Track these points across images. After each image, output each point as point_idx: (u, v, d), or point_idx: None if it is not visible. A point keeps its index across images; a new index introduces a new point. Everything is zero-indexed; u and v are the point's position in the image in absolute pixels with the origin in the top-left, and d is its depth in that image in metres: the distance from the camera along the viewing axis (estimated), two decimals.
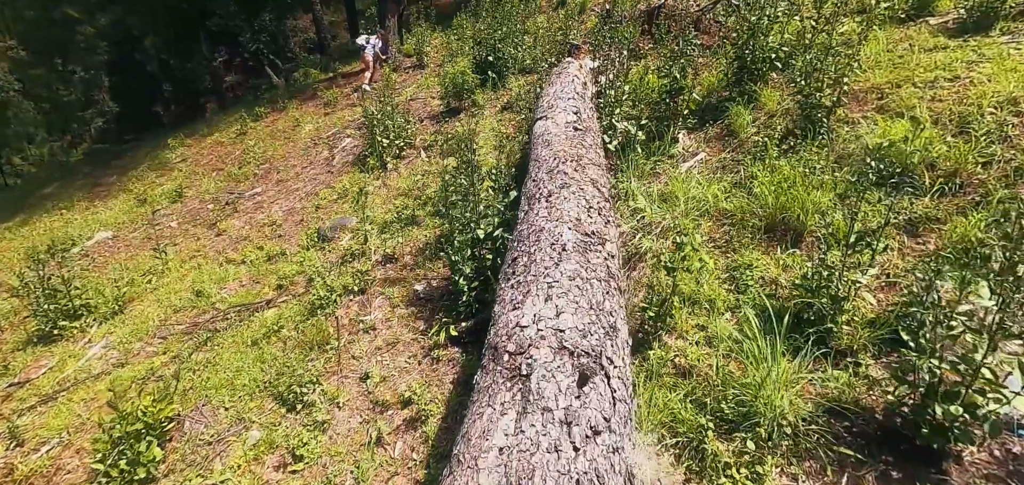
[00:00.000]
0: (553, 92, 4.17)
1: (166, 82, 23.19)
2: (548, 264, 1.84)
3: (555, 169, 2.68)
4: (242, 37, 19.64)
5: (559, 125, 3.40)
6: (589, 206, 2.29)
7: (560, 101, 3.88)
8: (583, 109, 3.82)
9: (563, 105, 3.80)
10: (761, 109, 4.94)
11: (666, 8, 6.59)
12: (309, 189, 6.66)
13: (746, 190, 3.94)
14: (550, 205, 2.29)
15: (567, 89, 4.18)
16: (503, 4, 8.40)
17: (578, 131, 3.29)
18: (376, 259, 4.36)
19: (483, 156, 6.05)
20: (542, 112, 3.87)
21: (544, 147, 3.08)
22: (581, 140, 3.15)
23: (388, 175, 6.10)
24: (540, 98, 4.33)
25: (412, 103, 8.61)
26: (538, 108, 4.11)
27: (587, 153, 2.99)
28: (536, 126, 3.70)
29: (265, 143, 8.94)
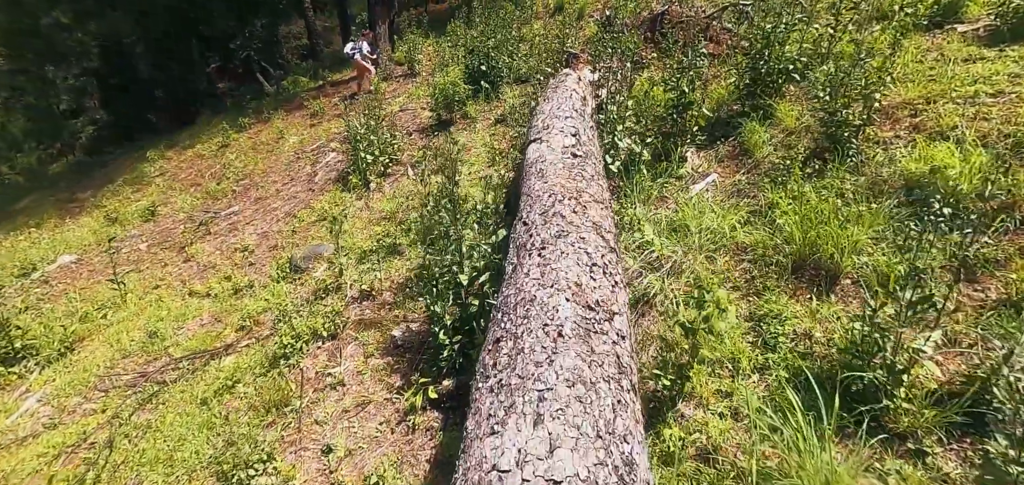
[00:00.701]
0: (549, 109, 3.73)
1: (159, 89, 22.74)
2: (539, 357, 1.38)
3: (550, 210, 2.23)
4: (233, 44, 19.20)
5: (555, 150, 2.95)
6: (591, 262, 1.84)
7: (556, 120, 3.44)
8: (582, 130, 3.37)
9: (560, 125, 3.35)
10: (777, 125, 4.51)
11: (670, 14, 6.17)
12: (288, 209, 6.20)
13: (767, 220, 3.49)
14: (544, 261, 1.84)
15: (564, 106, 3.74)
16: (498, 11, 7.97)
17: (577, 158, 2.84)
18: (352, 295, 3.89)
19: (475, 172, 5.60)
20: (536, 133, 3.42)
21: (538, 178, 2.63)
22: (580, 170, 2.70)
23: (371, 195, 5.64)
24: (534, 116, 3.89)
25: (401, 114, 8.16)
26: (532, 128, 3.66)
27: (588, 186, 2.54)
28: (529, 150, 3.25)
29: (246, 157, 8.48)
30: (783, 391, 2.35)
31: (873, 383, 2.12)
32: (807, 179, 3.63)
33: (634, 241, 3.63)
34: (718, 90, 5.04)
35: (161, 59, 21.46)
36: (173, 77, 21.43)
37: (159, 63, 21.56)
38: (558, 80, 4.44)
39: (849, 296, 2.83)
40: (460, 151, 3.15)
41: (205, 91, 21.32)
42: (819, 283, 2.93)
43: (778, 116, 4.53)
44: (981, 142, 3.22)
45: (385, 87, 9.46)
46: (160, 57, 21.44)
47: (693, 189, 4.23)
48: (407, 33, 10.59)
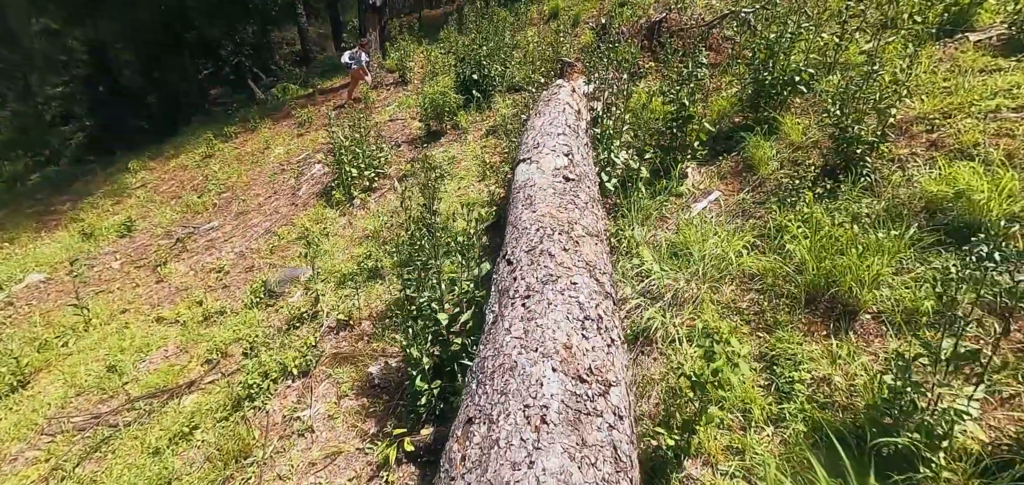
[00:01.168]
0: (540, 125, 3.46)
1: (151, 95, 22.40)
2: (517, 454, 1.10)
3: (537, 247, 1.96)
4: (223, 50, 18.92)
5: (545, 173, 2.68)
6: (584, 315, 1.56)
7: (548, 138, 3.17)
8: (576, 148, 3.10)
9: (552, 143, 3.09)
10: (783, 139, 4.26)
11: (669, 22, 5.94)
12: (269, 224, 5.90)
13: (775, 244, 3.23)
14: (528, 314, 1.57)
15: (557, 121, 3.47)
16: (491, 17, 7.74)
17: (570, 182, 2.57)
18: (328, 325, 3.60)
19: (464, 186, 5.33)
20: (526, 152, 3.15)
21: (525, 206, 2.36)
22: (573, 196, 2.43)
23: (355, 212, 5.35)
24: (525, 132, 3.62)
25: (390, 124, 7.89)
26: (522, 145, 3.39)
27: (581, 216, 2.27)
28: (518, 171, 2.98)
29: (230, 168, 8.18)
30: (802, 449, 2.08)
31: (908, 447, 1.85)
32: (818, 200, 3.38)
33: (632, 267, 3.36)
34: (719, 102, 4.80)
35: (151, 66, 21.18)
36: (164, 84, 21.13)
37: (150, 70, 21.26)
38: (551, 92, 4.18)
39: (870, 334, 2.57)
40: (441, 176, 2.89)
41: (197, 98, 21.03)
42: (836, 318, 2.67)
43: (784, 130, 4.28)
44: (1008, 161, 2.97)
45: (375, 96, 9.19)
46: (150, 64, 21.16)
47: (694, 208, 3.97)
48: (399, 40, 10.34)
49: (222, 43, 19.15)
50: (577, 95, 4.37)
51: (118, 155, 13.89)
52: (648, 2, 8.95)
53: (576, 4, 10.39)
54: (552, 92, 4.20)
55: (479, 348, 1.64)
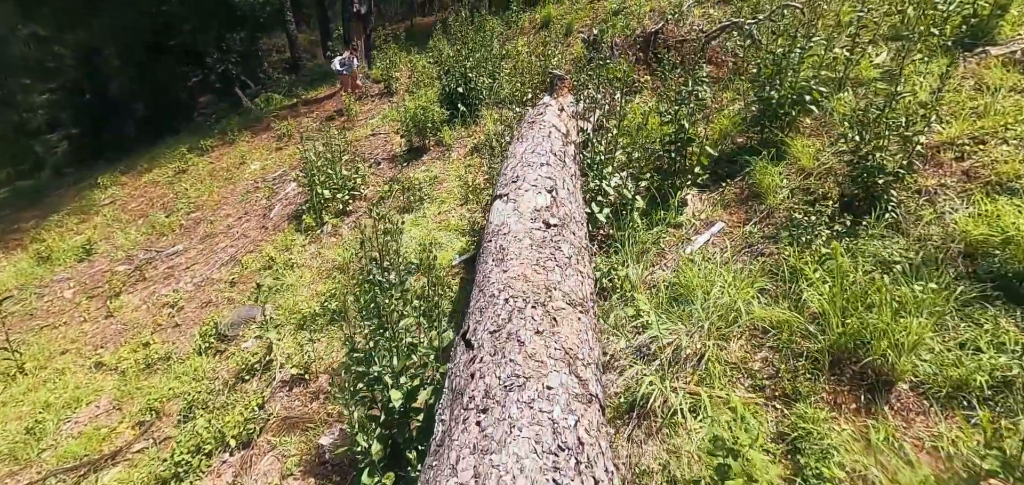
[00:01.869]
0: (522, 152, 3.05)
1: (139, 103, 21.90)
2: None
3: (505, 327, 1.53)
4: (209, 58, 18.46)
5: (523, 216, 2.26)
6: (558, 444, 1.13)
7: (529, 169, 2.76)
8: (561, 181, 2.69)
9: (533, 176, 2.67)
10: (791, 164, 3.87)
11: (665, 34, 5.56)
12: (235, 250, 5.45)
13: (790, 290, 2.82)
14: (483, 441, 1.14)
15: (541, 147, 3.06)
16: (479, 27, 7.34)
17: (552, 229, 2.15)
18: (281, 379, 3.15)
19: (445, 211, 4.90)
20: (504, 185, 2.73)
21: (496, 263, 1.94)
22: (555, 249, 2.01)
23: (324, 240, 4.91)
24: (505, 159, 3.21)
25: (371, 139, 7.47)
26: (500, 177, 2.98)
27: (563, 278, 1.85)
28: (494, 210, 2.56)
29: (202, 185, 7.72)
30: None
31: None
32: (836, 238, 2.97)
33: (626, 317, 2.94)
34: (721, 120, 4.41)
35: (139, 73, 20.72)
36: (152, 91, 20.67)
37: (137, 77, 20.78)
38: (536, 112, 3.77)
39: (909, 410, 2.15)
40: (397, 231, 2.46)
41: (185, 106, 20.56)
42: (867, 389, 2.25)
43: (792, 153, 3.89)
44: None
45: (358, 108, 8.78)
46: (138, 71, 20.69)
47: (696, 241, 3.56)
48: (388, 48, 9.92)
49: (208, 51, 18.68)
50: (565, 115, 3.96)
51: (100, 166, 13.38)
52: (643, 11, 8.61)
53: (568, 13, 10.04)
54: (537, 112, 3.79)
55: (424, 469, 1.22)
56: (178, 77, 21.01)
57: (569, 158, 3.27)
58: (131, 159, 11.40)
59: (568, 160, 3.20)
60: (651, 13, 8.55)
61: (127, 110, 21.48)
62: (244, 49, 20.71)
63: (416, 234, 4.53)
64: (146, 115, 21.80)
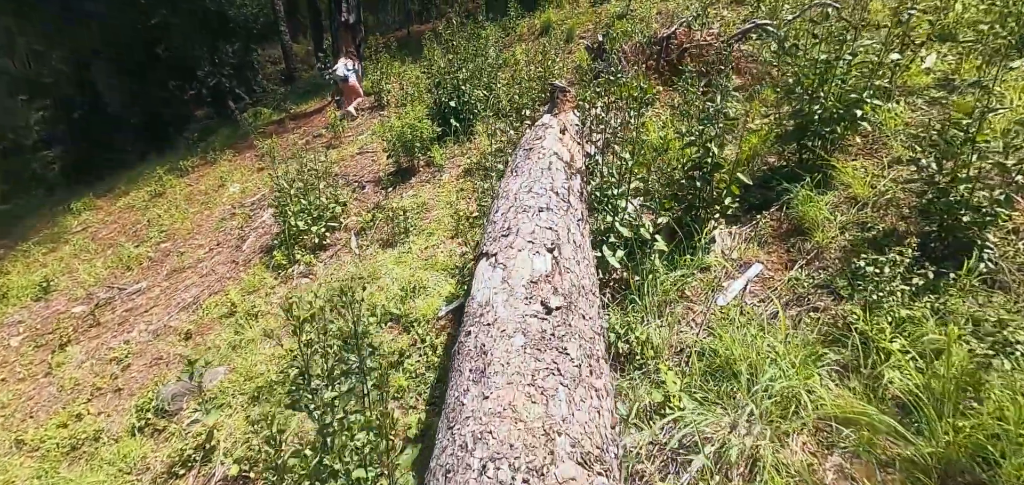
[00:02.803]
0: (516, 191, 2.45)
1: (134, 118, 21.50)
2: None
3: None
4: (199, 70, 18.00)
5: (516, 292, 1.67)
6: None
7: (525, 216, 2.16)
8: (566, 233, 2.09)
9: (529, 226, 2.07)
10: (839, 191, 3.25)
11: (678, 39, 4.97)
12: (200, 290, 4.87)
13: (861, 362, 2.20)
14: None
15: (540, 185, 2.46)
16: (472, 35, 6.75)
17: (554, 316, 1.55)
18: (221, 478, 2.54)
19: (432, 245, 4.30)
20: (492, 238, 2.13)
21: (473, 380, 1.33)
22: (557, 353, 1.41)
23: (296, 282, 4.32)
24: (496, 199, 2.60)
25: (358, 158, 6.90)
26: (488, 224, 2.38)
27: (573, 413, 1.24)
28: (479, 275, 1.96)
29: (178, 211, 7.16)
30: None
31: None
32: (915, 295, 2.35)
33: (646, 398, 2.32)
34: (749, 138, 3.79)
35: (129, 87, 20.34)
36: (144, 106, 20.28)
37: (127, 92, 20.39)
38: (534, 136, 3.17)
39: None
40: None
41: (179, 120, 20.12)
42: None
43: (840, 178, 3.27)
44: None
45: (346, 125, 8.22)
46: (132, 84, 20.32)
47: (730, 289, 2.94)
48: (380, 59, 9.36)
49: (199, 63, 18.23)
50: (568, 137, 3.36)
51: (93, 183, 12.86)
52: (651, 13, 8.02)
53: (569, 17, 9.48)
54: (535, 136, 3.19)
55: None
56: (171, 91, 20.61)
57: (574, 194, 2.66)
58: (112, 179, 10.90)
59: (573, 198, 2.59)
60: (658, 16, 7.97)
61: (121, 125, 21.06)
62: (238, 61, 20.29)
63: (399, 275, 3.93)
64: (141, 130, 21.40)
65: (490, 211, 2.52)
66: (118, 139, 20.73)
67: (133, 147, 20.09)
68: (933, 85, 3.83)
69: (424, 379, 2.87)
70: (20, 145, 20.71)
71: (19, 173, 20.99)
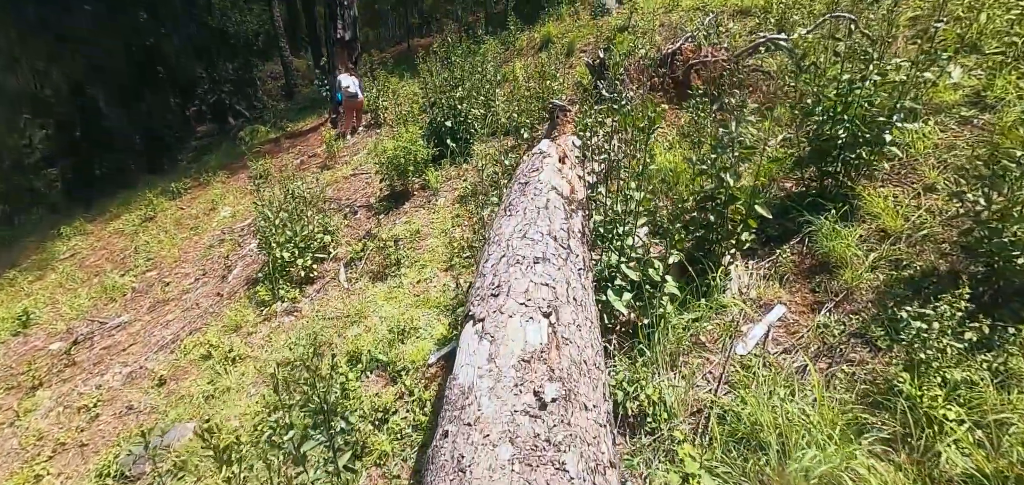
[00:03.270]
0: (509, 235, 2.18)
1: (135, 134, 21.49)
2: None
3: None
4: (200, 88, 17.97)
5: (504, 376, 1.38)
6: None
7: (518, 270, 1.88)
8: (565, 290, 1.82)
9: (523, 283, 1.80)
10: (867, 222, 2.96)
11: (684, 55, 4.71)
12: (182, 326, 4.61)
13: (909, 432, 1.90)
14: None
15: (536, 227, 2.19)
16: (468, 51, 6.53)
17: (549, 410, 1.27)
18: None
19: (425, 279, 4.03)
20: (480, 298, 1.85)
21: None
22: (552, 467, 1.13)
23: (280, 318, 4.05)
24: (486, 245, 2.33)
25: (352, 179, 6.66)
26: (476, 280, 2.10)
27: None
28: (463, 346, 1.68)
29: (167, 236, 6.94)
30: None
31: None
32: (968, 352, 2.05)
33: (660, 479, 2.02)
34: (766, 164, 3.51)
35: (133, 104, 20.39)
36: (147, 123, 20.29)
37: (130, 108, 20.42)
38: (530, 167, 2.90)
39: None
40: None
41: (181, 136, 20.09)
42: None
43: (868, 208, 2.98)
44: None
45: (340, 145, 8.00)
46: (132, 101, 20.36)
47: (750, 335, 2.64)
48: (378, 75, 9.17)
49: (198, 81, 18.21)
50: (568, 166, 3.09)
51: (94, 202, 12.71)
52: (652, 27, 7.79)
53: (569, 31, 9.27)
54: (531, 167, 2.92)
55: None
56: (172, 108, 20.63)
57: (575, 236, 2.38)
58: (109, 199, 10.72)
59: (573, 241, 2.31)
60: (661, 28, 7.74)
61: (122, 143, 21.02)
62: (239, 77, 20.28)
63: (388, 313, 3.65)
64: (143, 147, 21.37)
65: (480, 259, 2.24)
66: (118, 157, 20.69)
67: (136, 164, 20.04)
68: (962, 102, 3.54)
69: (410, 441, 2.58)
70: (22, 163, 20.68)
71: (21, 191, 20.93)
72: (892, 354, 2.26)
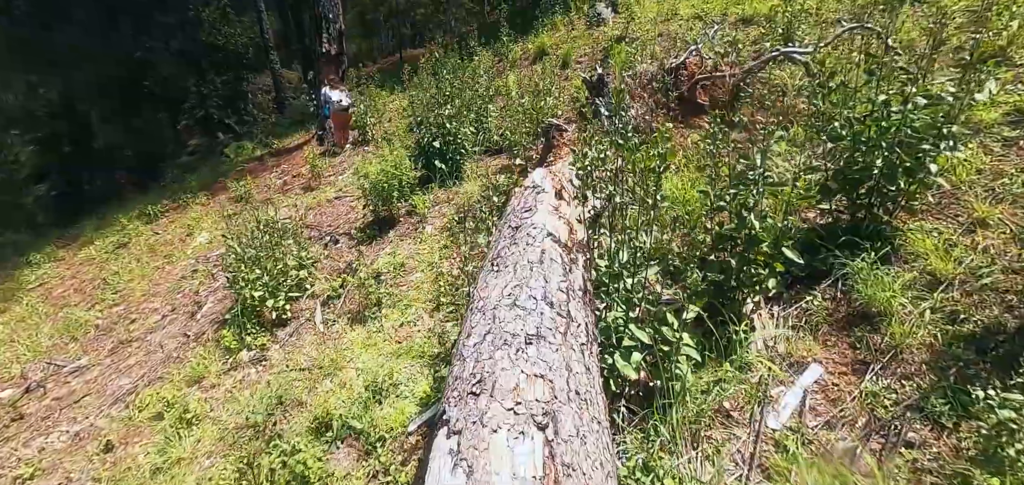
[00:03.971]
0: (494, 301, 1.79)
1: (127, 149, 21.04)
2: None
3: None
4: (185, 103, 17.55)
5: None
6: None
7: (504, 353, 1.49)
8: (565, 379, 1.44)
9: (511, 376, 1.41)
10: (911, 262, 2.58)
11: (689, 69, 4.35)
12: (141, 373, 4.18)
13: None
14: None
15: (529, 291, 1.80)
16: (456, 68, 6.15)
17: None
18: None
19: (407, 321, 3.62)
20: (454, 396, 1.46)
21: None
22: None
23: (246, 369, 3.63)
24: (467, 314, 1.93)
25: (335, 204, 6.26)
26: (454, 364, 1.70)
27: None
28: (431, 463, 1.28)
29: (138, 265, 6.50)
30: None
31: None
32: None
33: None
34: (795, 199, 3.13)
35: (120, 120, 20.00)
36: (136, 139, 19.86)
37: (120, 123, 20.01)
38: (522, 206, 2.51)
39: None
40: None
41: (172, 152, 19.66)
42: None
43: (911, 247, 2.60)
44: None
45: (324, 165, 7.60)
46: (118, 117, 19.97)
47: (783, 403, 2.25)
48: (367, 88, 8.80)
49: (186, 95, 17.81)
50: (566, 201, 2.70)
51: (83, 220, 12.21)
52: (651, 37, 7.46)
53: (564, 41, 8.94)
54: (524, 202, 2.53)
55: None
56: (161, 123, 20.24)
57: (575, 295, 1.99)
58: (94, 217, 10.28)
59: (574, 304, 1.92)
60: (660, 38, 7.41)
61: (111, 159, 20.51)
62: (229, 91, 19.90)
63: (366, 364, 3.24)
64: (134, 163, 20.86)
65: (461, 332, 1.84)
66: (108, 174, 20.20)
67: (127, 180, 19.45)
68: (1002, 121, 3.19)
69: None
70: (12, 180, 20.15)
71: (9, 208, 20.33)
72: (961, 434, 1.87)
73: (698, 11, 7.61)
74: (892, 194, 2.64)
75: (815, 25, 5.88)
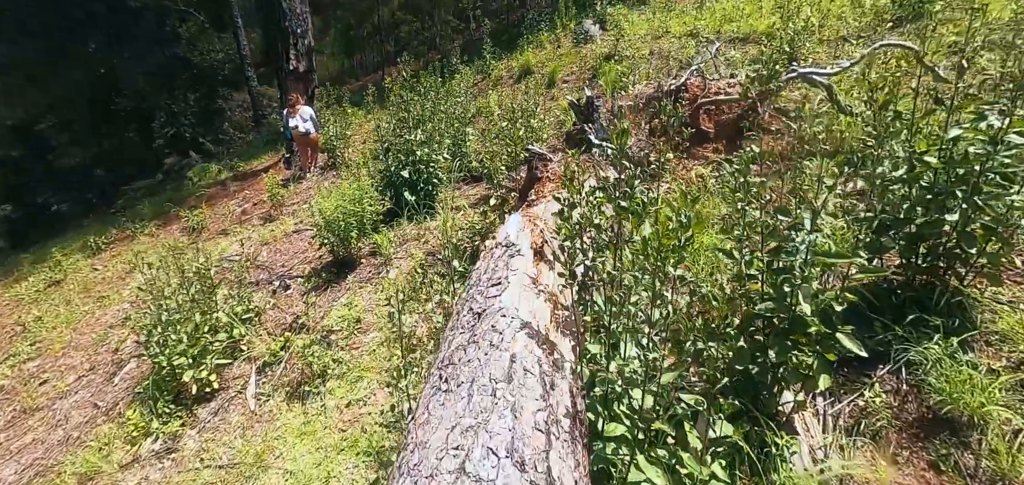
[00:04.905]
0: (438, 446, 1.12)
1: (94, 170, 20.00)
2: None
3: None
4: (154, 122, 16.69)
5: None
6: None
7: None
8: None
9: None
10: (996, 345, 1.99)
11: (691, 91, 3.79)
12: (34, 457, 3.41)
13: None
14: None
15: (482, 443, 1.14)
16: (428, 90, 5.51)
17: None
18: None
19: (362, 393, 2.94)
20: None
21: None
22: None
23: (146, 469, 2.89)
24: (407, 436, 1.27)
25: (293, 237, 5.56)
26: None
27: None
28: None
29: (67, 309, 5.71)
30: None
31: None
32: None
33: None
34: (822, 243, 2.54)
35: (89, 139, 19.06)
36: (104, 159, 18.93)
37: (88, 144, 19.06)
38: (489, 274, 1.88)
39: None
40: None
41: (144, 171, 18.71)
42: None
43: (998, 326, 2.01)
44: None
45: (286, 194, 6.91)
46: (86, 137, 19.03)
47: None
48: (338, 108, 8.13)
49: (155, 113, 16.98)
50: (547, 265, 2.06)
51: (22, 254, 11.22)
52: (641, 55, 6.97)
53: (550, 59, 8.43)
54: (492, 270, 1.90)
55: None
56: (131, 142, 19.33)
57: (561, 429, 1.34)
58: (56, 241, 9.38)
59: (557, 453, 1.27)
60: (651, 57, 6.92)
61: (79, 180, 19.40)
62: (202, 108, 19.10)
63: (299, 463, 2.54)
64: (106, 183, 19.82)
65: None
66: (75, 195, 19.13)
67: (100, 198, 18.26)
68: None
69: None
70: None
71: None
72: None
73: (690, 29, 7.16)
74: (967, 255, 2.06)
75: (820, 44, 5.42)
